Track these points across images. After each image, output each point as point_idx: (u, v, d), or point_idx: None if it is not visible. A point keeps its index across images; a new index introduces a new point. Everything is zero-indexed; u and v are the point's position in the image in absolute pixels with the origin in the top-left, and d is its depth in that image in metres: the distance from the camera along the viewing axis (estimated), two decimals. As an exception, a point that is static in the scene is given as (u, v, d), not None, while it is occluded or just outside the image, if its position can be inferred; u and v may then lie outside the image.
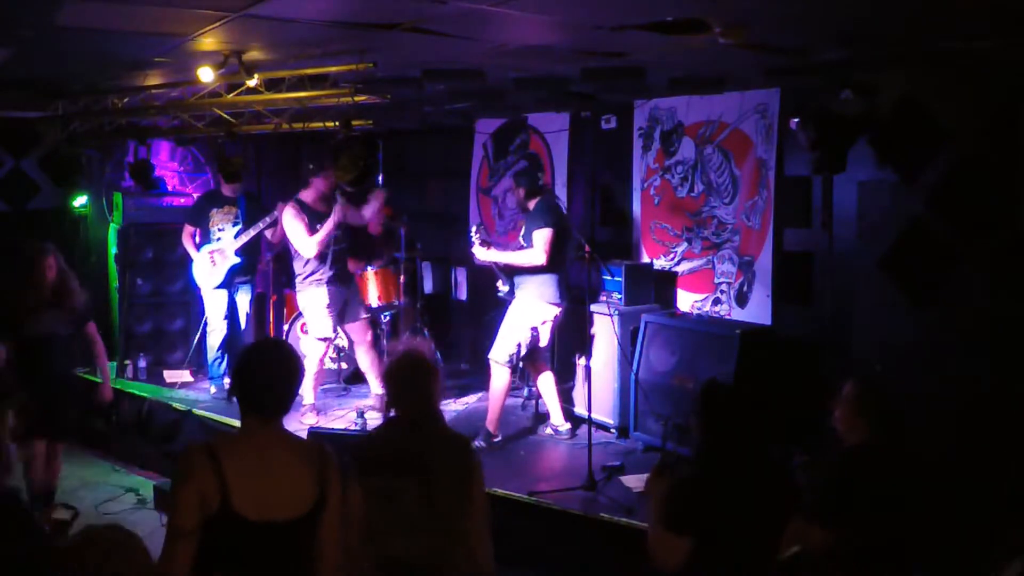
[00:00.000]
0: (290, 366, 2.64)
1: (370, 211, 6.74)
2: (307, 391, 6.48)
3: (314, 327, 6.46)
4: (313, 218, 6.26)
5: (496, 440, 6.00)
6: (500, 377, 5.95)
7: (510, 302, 6.02)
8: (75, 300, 5.12)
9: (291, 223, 6.23)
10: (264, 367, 2.61)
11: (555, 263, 5.82)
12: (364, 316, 6.66)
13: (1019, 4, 3.42)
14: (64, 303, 5.06)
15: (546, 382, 6.18)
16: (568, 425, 6.22)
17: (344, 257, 6.57)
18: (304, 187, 6.48)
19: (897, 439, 3.24)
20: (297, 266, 6.41)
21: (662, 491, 3.00)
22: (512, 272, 5.97)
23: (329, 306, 6.34)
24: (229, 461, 2.46)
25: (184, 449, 2.54)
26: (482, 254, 5.98)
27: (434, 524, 3.00)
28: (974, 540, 3.58)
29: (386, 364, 3.24)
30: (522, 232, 6.01)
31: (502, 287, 6.07)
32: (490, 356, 6.03)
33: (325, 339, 6.48)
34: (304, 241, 6.21)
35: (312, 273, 6.32)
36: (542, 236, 5.75)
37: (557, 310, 5.94)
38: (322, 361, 6.63)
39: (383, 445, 3.15)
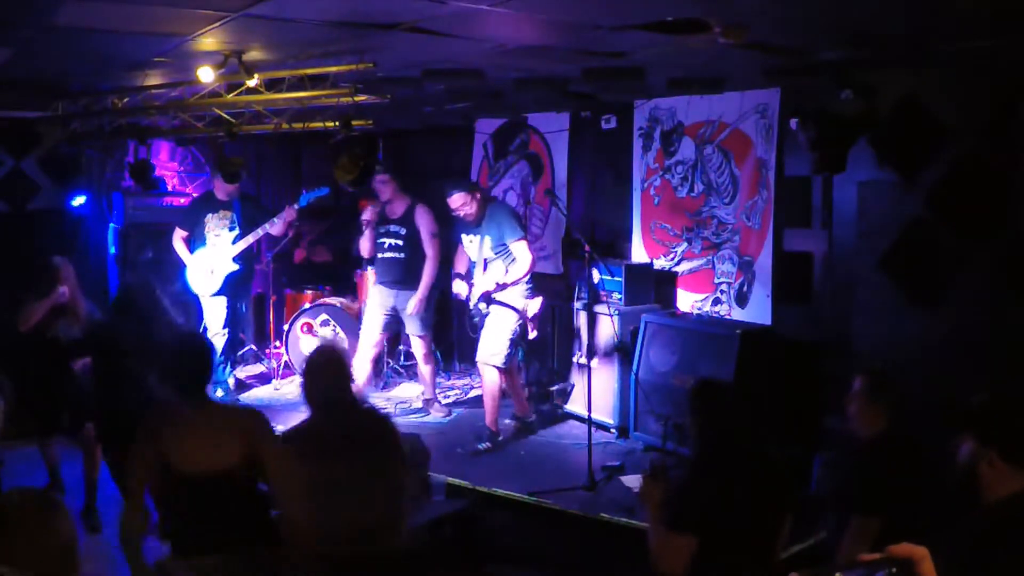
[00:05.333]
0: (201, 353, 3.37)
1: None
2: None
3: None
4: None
5: (500, 439, 6.03)
6: (492, 376, 5.98)
7: (485, 317, 6.02)
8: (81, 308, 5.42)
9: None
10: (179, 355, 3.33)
11: None
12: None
13: (1019, 4, 3.42)
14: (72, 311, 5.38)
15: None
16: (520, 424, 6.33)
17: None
18: None
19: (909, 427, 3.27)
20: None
21: (660, 494, 3.00)
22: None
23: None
24: (167, 429, 3.17)
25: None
26: (490, 286, 5.86)
27: (369, 498, 3.20)
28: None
29: (304, 361, 3.63)
30: (489, 243, 5.91)
31: (483, 306, 6.01)
32: (479, 358, 6.04)
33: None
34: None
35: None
36: (524, 246, 5.86)
37: (539, 300, 6.03)
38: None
39: (311, 434, 3.42)
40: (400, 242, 6.48)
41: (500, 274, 5.86)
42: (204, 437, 3.17)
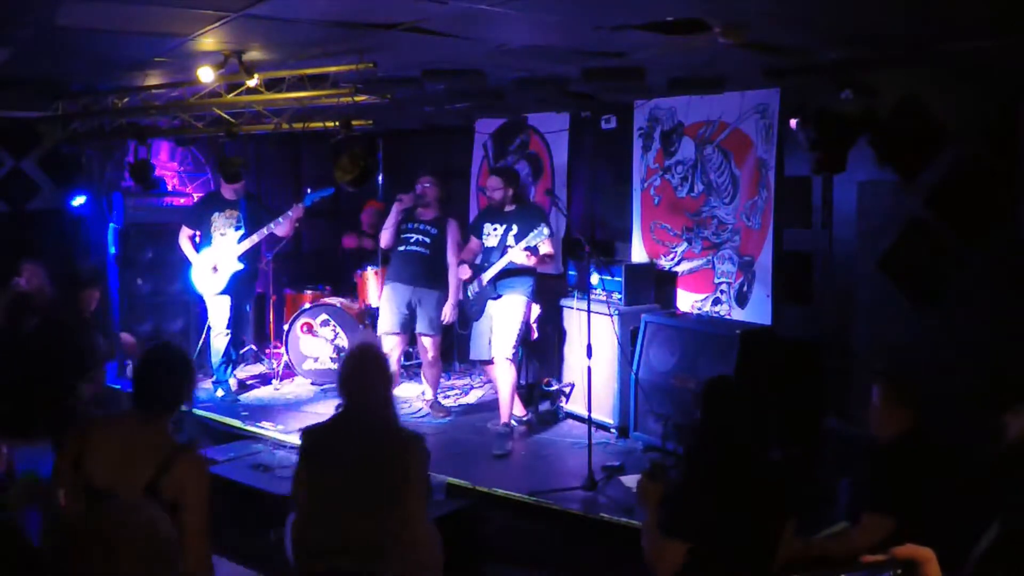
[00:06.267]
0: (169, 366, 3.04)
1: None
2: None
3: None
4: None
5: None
6: (508, 371, 6.00)
7: (492, 299, 6.09)
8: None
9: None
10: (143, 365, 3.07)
11: None
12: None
13: (1019, 4, 3.42)
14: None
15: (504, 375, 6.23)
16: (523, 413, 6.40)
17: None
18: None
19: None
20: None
21: (656, 496, 2.98)
22: (503, 273, 6.05)
23: None
24: (93, 435, 2.96)
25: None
26: (520, 257, 5.97)
27: (369, 514, 3.18)
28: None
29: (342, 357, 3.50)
30: (514, 232, 6.00)
31: (488, 290, 6.10)
32: (495, 353, 6.04)
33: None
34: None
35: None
36: (549, 242, 5.97)
37: (538, 308, 6.33)
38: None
39: (328, 435, 3.35)
40: (428, 239, 6.50)
41: (535, 240, 5.90)
42: (120, 455, 2.90)
